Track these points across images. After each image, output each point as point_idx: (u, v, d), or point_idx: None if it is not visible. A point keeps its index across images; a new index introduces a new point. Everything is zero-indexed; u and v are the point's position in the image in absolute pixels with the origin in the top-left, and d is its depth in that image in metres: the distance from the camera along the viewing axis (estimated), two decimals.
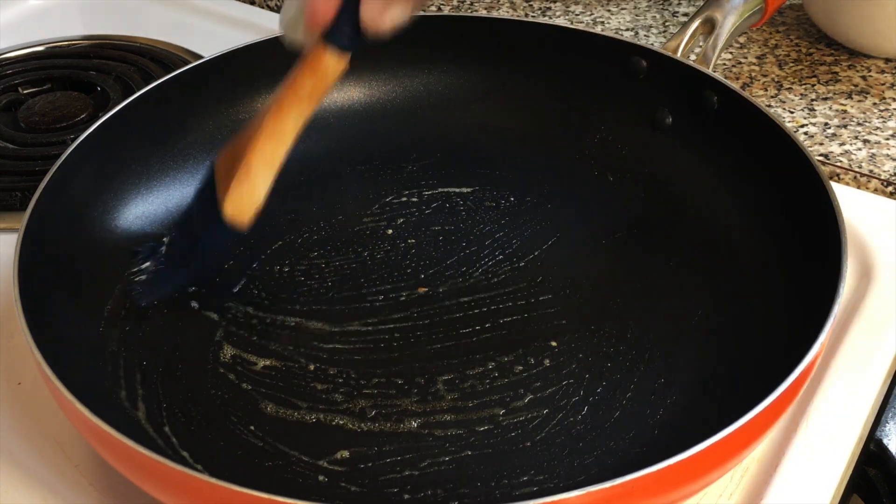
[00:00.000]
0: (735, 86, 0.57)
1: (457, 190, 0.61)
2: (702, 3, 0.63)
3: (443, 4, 0.87)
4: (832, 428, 0.48)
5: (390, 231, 0.58)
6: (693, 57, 0.61)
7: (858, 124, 0.69)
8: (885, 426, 0.48)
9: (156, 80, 0.60)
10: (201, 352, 0.50)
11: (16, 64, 0.78)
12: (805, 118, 0.70)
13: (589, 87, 0.63)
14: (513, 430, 0.46)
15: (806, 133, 0.69)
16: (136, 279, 0.53)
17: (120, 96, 0.72)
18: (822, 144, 0.67)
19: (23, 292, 0.45)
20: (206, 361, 0.50)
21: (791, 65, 0.76)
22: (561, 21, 0.83)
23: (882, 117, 0.70)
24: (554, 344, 0.50)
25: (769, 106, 0.71)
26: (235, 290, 0.54)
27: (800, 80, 0.74)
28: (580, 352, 0.50)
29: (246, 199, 0.48)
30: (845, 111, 0.71)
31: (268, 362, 0.50)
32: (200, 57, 0.71)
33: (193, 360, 0.50)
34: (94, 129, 0.55)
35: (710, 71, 0.58)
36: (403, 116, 0.65)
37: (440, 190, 0.61)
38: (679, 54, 0.60)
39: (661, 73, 0.60)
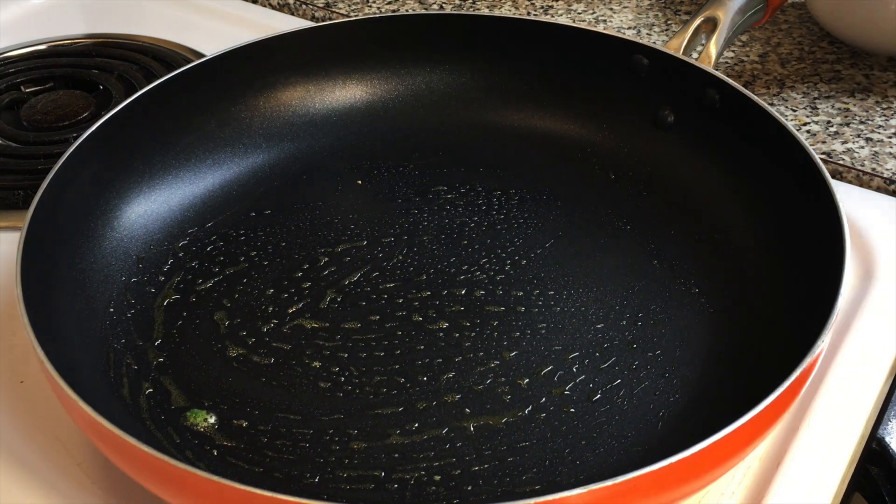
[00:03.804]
0: (737, 84, 0.57)
1: (458, 188, 0.61)
2: (704, 2, 0.63)
3: (445, 3, 0.87)
4: (834, 426, 0.48)
5: (392, 230, 0.58)
6: (695, 55, 0.61)
7: (861, 122, 0.69)
8: (887, 424, 0.48)
9: (158, 78, 0.60)
10: (205, 350, 0.50)
11: (18, 62, 0.78)
12: (807, 116, 0.70)
13: (591, 85, 0.63)
14: (515, 428, 0.46)
15: (808, 131, 0.68)
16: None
17: (122, 95, 0.72)
18: (824, 143, 0.67)
19: (25, 290, 0.45)
20: (210, 359, 0.50)
21: (793, 63, 0.76)
22: (563, 19, 0.83)
23: (885, 115, 0.70)
24: (556, 343, 0.50)
25: (771, 104, 0.71)
26: (238, 288, 0.54)
27: (802, 79, 0.74)
28: (581, 350, 0.50)
29: None
30: (848, 109, 0.71)
31: (271, 360, 0.50)
32: (202, 55, 0.71)
33: (197, 358, 0.50)
34: (97, 128, 0.55)
35: (712, 69, 0.58)
36: (405, 115, 0.65)
37: (442, 188, 0.61)
38: (681, 52, 0.60)
39: (663, 71, 0.60)
